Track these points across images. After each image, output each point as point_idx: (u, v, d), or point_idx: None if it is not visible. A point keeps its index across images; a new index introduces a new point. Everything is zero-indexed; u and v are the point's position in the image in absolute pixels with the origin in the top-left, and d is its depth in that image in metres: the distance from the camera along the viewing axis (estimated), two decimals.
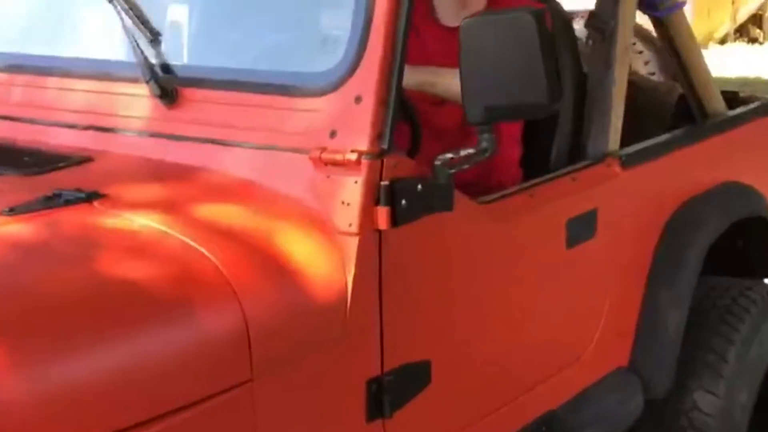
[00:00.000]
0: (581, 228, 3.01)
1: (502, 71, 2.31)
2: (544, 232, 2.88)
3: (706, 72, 3.78)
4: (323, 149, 2.32)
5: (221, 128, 2.48)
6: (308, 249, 2.25)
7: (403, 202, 2.33)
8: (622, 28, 3.24)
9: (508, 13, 2.33)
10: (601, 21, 3.24)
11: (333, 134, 2.32)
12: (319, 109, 2.36)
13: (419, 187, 2.36)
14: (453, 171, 2.40)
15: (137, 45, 2.56)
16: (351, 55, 2.33)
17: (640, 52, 4.70)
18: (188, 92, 2.53)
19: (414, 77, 2.70)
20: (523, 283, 2.83)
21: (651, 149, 3.36)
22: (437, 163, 2.39)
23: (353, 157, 2.27)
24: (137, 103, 2.59)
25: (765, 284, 3.93)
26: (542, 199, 2.86)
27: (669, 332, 3.33)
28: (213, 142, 2.48)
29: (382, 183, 2.30)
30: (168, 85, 2.53)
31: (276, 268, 2.17)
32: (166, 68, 2.58)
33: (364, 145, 2.29)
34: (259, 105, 2.43)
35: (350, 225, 2.28)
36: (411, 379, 2.45)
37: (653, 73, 4.75)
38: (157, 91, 2.52)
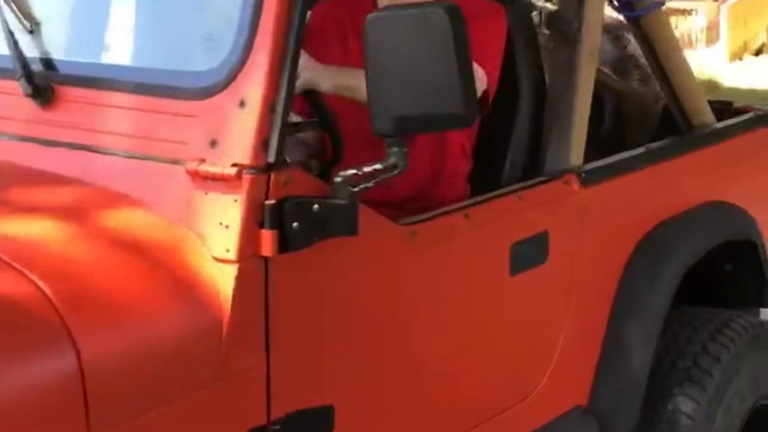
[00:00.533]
0: (529, 253, 2.66)
1: (412, 76, 1.98)
2: (481, 258, 2.54)
3: (690, 78, 3.42)
4: (201, 161, 1.99)
5: (95, 133, 2.16)
6: (174, 279, 1.93)
7: (295, 224, 2.00)
8: (587, 29, 2.89)
9: (418, 8, 2.00)
10: (562, 21, 2.90)
11: (213, 144, 2.00)
12: (198, 115, 2.03)
13: (315, 207, 2.04)
14: (357, 189, 2.07)
15: (11, 36, 2.25)
16: (236, 53, 2.01)
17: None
18: (65, 91, 2.22)
19: (332, 80, 2.37)
20: (455, 314, 2.49)
21: (619, 164, 3.01)
22: (337, 179, 2.06)
23: (233, 171, 1.95)
24: (10, 101, 2.27)
25: (753, 314, 3.58)
26: (480, 221, 2.52)
27: (633, 369, 2.98)
28: (86, 148, 2.17)
29: (267, 202, 1.97)
30: (42, 83, 2.22)
31: (128, 302, 1.85)
32: (44, 63, 2.27)
33: (246, 157, 1.97)
34: (135, 107, 2.11)
35: (228, 251, 1.96)
36: (306, 428, 2.12)
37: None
38: (29, 90, 2.21)
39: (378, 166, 2.07)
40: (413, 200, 2.77)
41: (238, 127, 1.97)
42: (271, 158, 1.97)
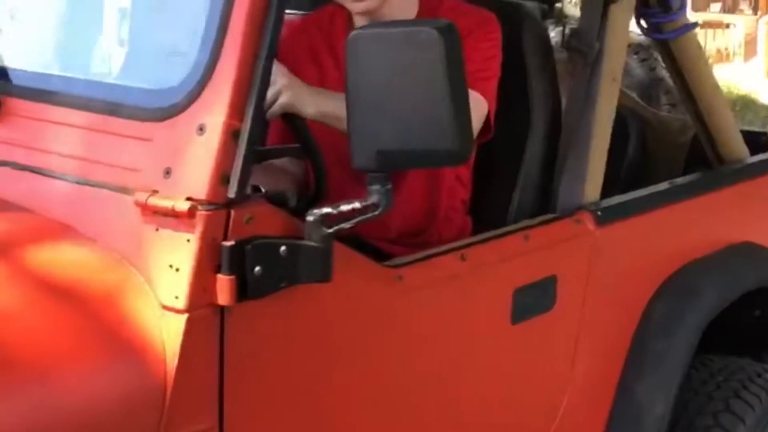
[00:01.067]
0: (534, 299, 2.40)
1: (398, 104, 1.72)
2: (479, 305, 2.27)
3: (722, 106, 3.13)
4: (153, 192, 1.74)
5: (43, 153, 1.91)
6: (111, 329, 1.68)
7: (257, 269, 1.74)
8: (609, 51, 2.61)
9: (407, 26, 1.74)
10: (582, 42, 2.62)
11: (167, 173, 1.75)
12: (153, 139, 1.78)
13: (282, 249, 1.78)
14: (332, 231, 1.81)
15: None
16: (198, 72, 1.75)
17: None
18: (13, 104, 1.97)
19: (318, 106, 2.09)
20: (449, 367, 2.22)
21: (639, 201, 2.73)
22: (310, 219, 1.81)
23: (185, 206, 1.69)
24: None
25: None
26: (478, 263, 2.25)
27: (648, 428, 2.70)
28: (31, 169, 1.92)
29: (225, 243, 1.71)
30: None
31: (51, 358, 1.59)
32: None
33: (202, 190, 1.71)
34: (86, 126, 1.86)
35: (177, 298, 1.70)
36: None
37: None
38: None
39: (357, 205, 1.81)
40: (409, 236, 2.51)
41: (195, 156, 1.72)
42: (232, 193, 1.72)
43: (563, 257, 2.48)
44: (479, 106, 2.35)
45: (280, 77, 2.02)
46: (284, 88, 2.03)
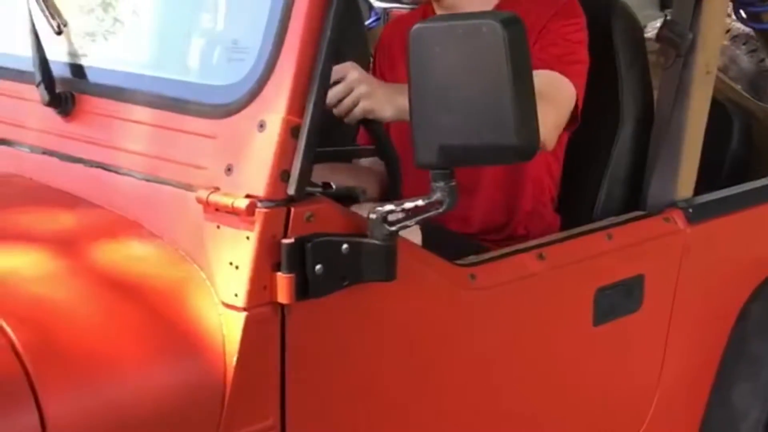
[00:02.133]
0: (619, 300, 2.32)
1: (460, 99, 1.67)
2: (558, 306, 2.20)
3: None
4: (215, 189, 1.73)
5: (113, 150, 1.92)
6: (171, 327, 1.66)
7: (318, 267, 1.71)
8: (703, 43, 2.51)
9: (471, 18, 1.69)
10: (676, 33, 2.52)
11: (229, 170, 1.73)
12: (216, 135, 1.77)
13: (344, 247, 1.75)
14: (395, 228, 1.77)
15: (36, 37, 2.03)
16: (259, 69, 1.73)
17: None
18: (86, 101, 1.99)
19: (397, 105, 2.05)
20: (526, 371, 2.16)
21: (735, 198, 2.63)
22: (372, 216, 1.77)
23: (244, 204, 1.67)
24: (28, 108, 2.06)
25: None
26: (557, 262, 2.18)
27: None
28: (102, 166, 1.93)
29: (285, 241, 1.69)
30: (64, 91, 1.99)
31: (110, 355, 1.59)
32: (66, 69, 2.04)
33: (262, 187, 1.69)
34: (154, 124, 1.86)
35: (236, 295, 1.68)
36: None
37: None
38: (47, 98, 1.98)
39: (420, 203, 1.77)
40: (492, 232, 2.46)
41: (255, 153, 1.70)
42: (292, 190, 1.69)
43: (651, 256, 2.39)
44: (566, 91, 2.29)
45: (358, 83, 2.01)
46: (364, 95, 2.01)
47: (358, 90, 2.01)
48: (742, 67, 4.09)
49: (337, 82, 2.00)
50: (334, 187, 2.01)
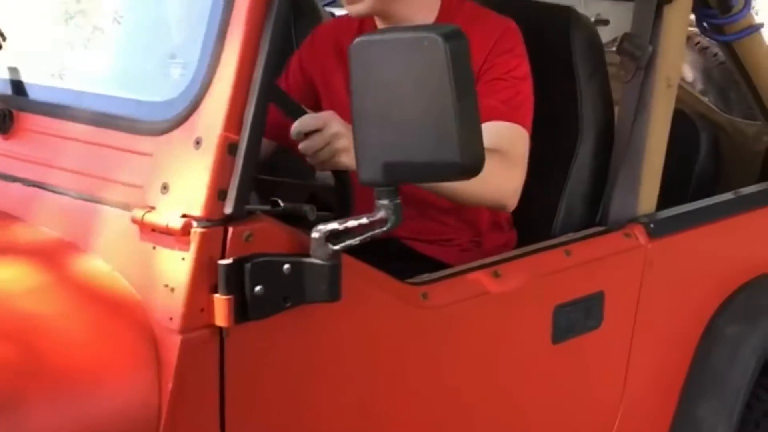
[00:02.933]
0: (578, 317, 2.27)
1: (403, 114, 1.63)
2: (515, 324, 2.15)
3: None
4: (150, 209, 1.68)
5: (50, 168, 1.87)
6: (103, 351, 1.61)
7: (258, 288, 1.67)
8: (664, 55, 2.47)
9: (412, 31, 1.64)
10: (635, 45, 2.48)
11: (165, 189, 1.68)
12: (152, 153, 1.72)
13: (286, 267, 1.70)
14: (339, 247, 1.72)
15: None
16: (196, 84, 1.68)
17: None
18: (26, 119, 1.94)
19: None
20: (483, 391, 2.11)
21: (698, 212, 2.59)
22: (315, 235, 1.72)
23: (178, 224, 1.62)
24: None
25: None
26: (514, 280, 2.13)
27: None
28: (39, 186, 1.88)
29: (221, 262, 1.64)
30: (2, 108, 1.94)
31: (37, 381, 1.53)
32: (9, 86, 1.99)
33: (197, 206, 1.64)
34: (93, 141, 1.81)
35: (171, 319, 1.63)
36: None
37: None
38: None
39: (364, 221, 1.72)
40: (446, 247, 2.41)
41: (191, 171, 1.65)
42: (229, 209, 1.64)
43: (611, 273, 2.35)
44: (521, 142, 2.24)
45: (338, 137, 1.93)
46: (341, 150, 1.93)
47: (337, 144, 1.92)
48: (713, 76, 4.05)
49: (315, 131, 1.94)
50: (281, 204, 1.98)
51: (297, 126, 1.98)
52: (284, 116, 2.02)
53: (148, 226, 1.66)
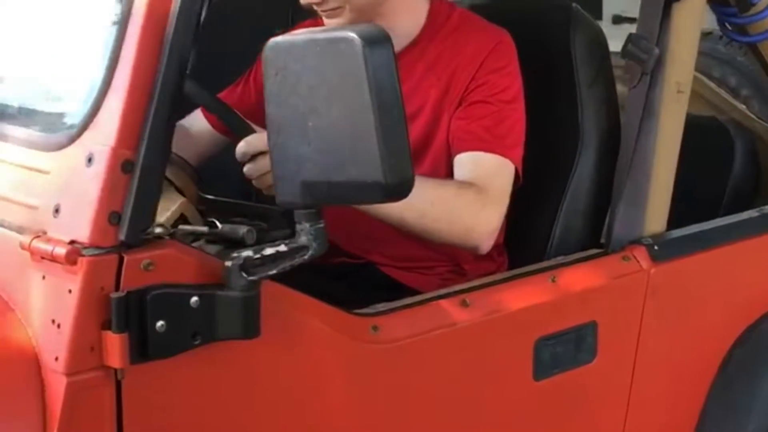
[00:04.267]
0: (565, 351, 2.03)
1: (320, 127, 1.42)
2: (485, 361, 1.92)
3: None
4: (41, 233, 1.49)
5: None
6: None
7: (160, 324, 1.47)
8: (673, 58, 2.21)
9: (328, 33, 1.43)
10: (641, 48, 2.23)
11: (56, 211, 1.50)
12: (48, 171, 1.53)
13: (194, 300, 1.50)
14: (255, 278, 1.52)
15: None
16: (93, 95, 1.50)
17: None
18: None
19: None
20: None
21: (712, 233, 2.32)
22: (228, 264, 1.52)
23: (62, 251, 1.43)
24: None
25: None
26: (484, 310, 1.90)
27: None
28: None
29: (114, 295, 1.45)
30: None
31: None
32: None
33: (85, 232, 1.45)
34: None
35: (56, 359, 1.44)
36: None
37: None
38: None
39: (282, 248, 1.51)
40: (424, 266, 2.19)
41: (82, 191, 1.46)
42: (123, 234, 1.45)
43: (605, 301, 2.10)
44: (503, 176, 2.05)
45: None
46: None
47: None
48: (759, 83, 3.75)
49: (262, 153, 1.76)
50: (219, 226, 1.78)
51: (242, 146, 1.81)
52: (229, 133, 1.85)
53: (37, 253, 1.47)
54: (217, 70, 2.68)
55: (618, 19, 5.00)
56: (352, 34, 1.39)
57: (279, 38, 1.46)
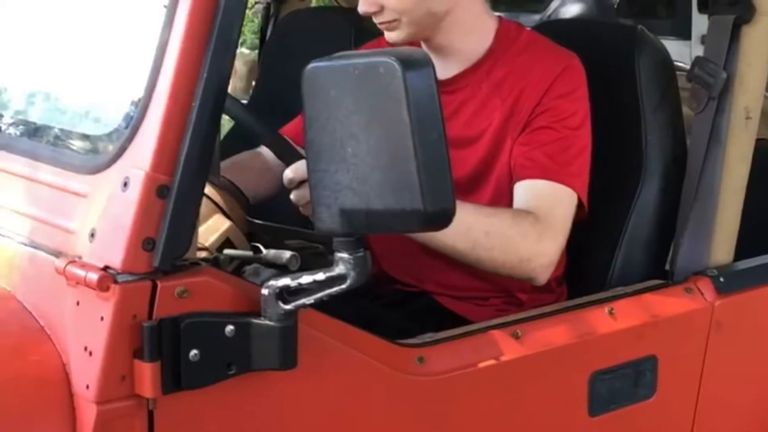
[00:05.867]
0: (623, 386, 1.95)
1: (359, 155, 1.38)
2: (537, 396, 1.85)
3: None
4: (76, 258, 1.47)
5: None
6: (14, 420, 1.41)
7: (193, 353, 1.43)
8: (741, 83, 2.12)
9: (367, 57, 1.39)
10: (708, 71, 2.14)
11: (92, 236, 1.47)
12: (86, 194, 1.51)
13: (229, 329, 1.46)
14: (292, 306, 1.48)
15: None
16: (130, 121, 1.47)
17: None
18: None
19: None
20: None
21: None
22: (264, 292, 1.48)
23: (95, 277, 1.40)
24: None
25: None
26: (537, 343, 1.83)
27: None
28: None
29: (147, 323, 1.41)
30: None
31: None
32: None
33: (118, 257, 1.42)
34: (29, 177, 1.62)
35: (87, 387, 1.41)
36: None
37: None
38: None
39: (320, 276, 1.46)
40: (469, 302, 2.12)
41: (117, 216, 1.43)
42: (157, 261, 1.42)
43: (666, 334, 2.02)
44: (564, 206, 1.99)
45: None
46: None
47: None
48: None
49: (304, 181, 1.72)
50: (263, 251, 1.75)
51: (288, 173, 1.78)
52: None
53: (71, 278, 1.45)
54: (281, 93, 2.67)
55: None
56: (392, 58, 1.34)
57: (318, 62, 1.41)
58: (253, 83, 3.76)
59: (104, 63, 1.62)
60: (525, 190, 2.01)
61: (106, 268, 1.42)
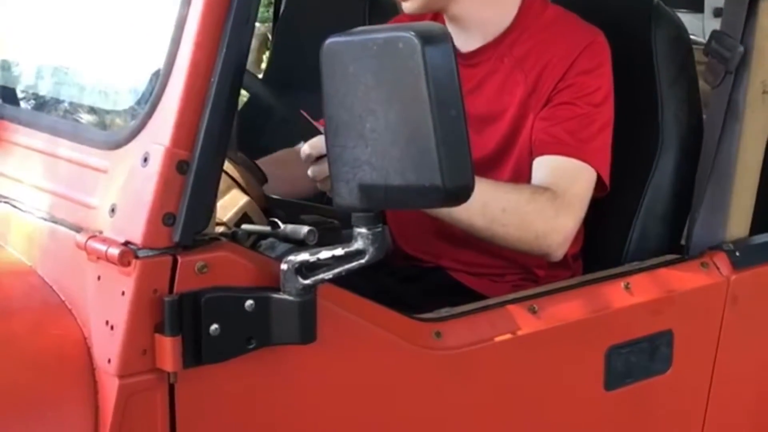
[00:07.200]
0: (638, 360, 1.96)
1: (378, 130, 1.38)
2: (553, 370, 1.86)
3: None
4: (97, 233, 1.48)
5: (18, 184, 1.70)
6: (36, 397, 1.42)
7: (214, 327, 1.44)
8: (759, 57, 2.12)
9: (386, 32, 1.39)
10: (725, 46, 2.14)
11: (113, 211, 1.48)
12: (106, 170, 1.52)
13: (249, 304, 1.47)
14: (310, 281, 1.48)
15: None
16: (147, 96, 1.48)
17: None
18: (2, 127, 1.77)
19: None
20: None
21: None
22: (284, 267, 1.49)
23: (116, 252, 1.41)
24: None
25: None
26: (553, 317, 1.84)
27: None
28: (7, 202, 1.70)
29: (166, 298, 1.42)
30: None
31: None
32: None
33: (139, 233, 1.43)
34: (50, 153, 1.63)
35: (109, 361, 1.43)
36: None
37: None
38: None
39: (339, 252, 1.47)
40: (485, 278, 2.13)
41: (137, 191, 1.44)
42: (177, 236, 1.43)
43: (681, 309, 2.02)
44: (583, 182, 2.00)
45: None
46: None
47: None
48: None
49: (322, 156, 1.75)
50: (281, 226, 1.76)
51: (306, 149, 1.79)
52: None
53: (93, 253, 1.46)
54: (294, 68, 2.67)
55: (719, 12, 4.84)
56: (411, 33, 1.34)
57: (336, 38, 1.42)
58: (265, 57, 3.76)
59: (124, 38, 1.63)
60: (544, 166, 2.01)
61: (126, 243, 1.43)
